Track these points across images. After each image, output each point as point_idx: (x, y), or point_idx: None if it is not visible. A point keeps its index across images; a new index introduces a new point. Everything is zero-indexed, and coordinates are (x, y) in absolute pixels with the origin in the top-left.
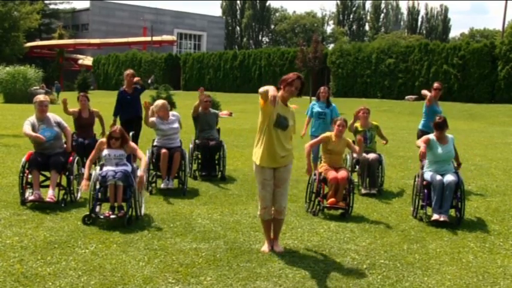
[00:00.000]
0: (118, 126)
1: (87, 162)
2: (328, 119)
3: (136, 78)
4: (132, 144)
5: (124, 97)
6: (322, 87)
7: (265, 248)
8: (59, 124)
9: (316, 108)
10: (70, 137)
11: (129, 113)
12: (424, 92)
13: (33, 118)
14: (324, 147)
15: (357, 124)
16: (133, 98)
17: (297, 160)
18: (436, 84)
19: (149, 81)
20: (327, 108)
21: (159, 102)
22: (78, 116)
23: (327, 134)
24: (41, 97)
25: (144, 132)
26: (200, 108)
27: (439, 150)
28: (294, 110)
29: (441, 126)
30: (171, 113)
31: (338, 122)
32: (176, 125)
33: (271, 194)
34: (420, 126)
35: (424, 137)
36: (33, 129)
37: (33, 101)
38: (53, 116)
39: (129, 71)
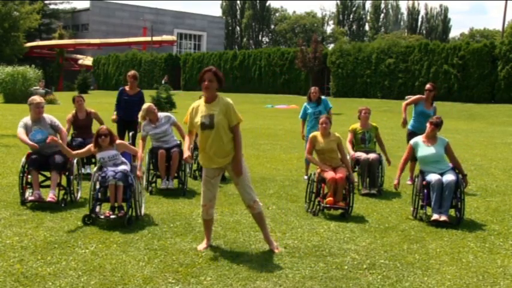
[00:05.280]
0: (103, 125)
1: (77, 152)
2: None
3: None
4: (121, 141)
5: (121, 95)
6: (312, 88)
7: (201, 246)
8: (52, 126)
9: (309, 109)
10: (65, 140)
11: (124, 115)
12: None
13: (27, 119)
14: (316, 149)
15: (357, 125)
16: (130, 100)
17: (297, 160)
18: (427, 86)
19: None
20: (318, 106)
21: (144, 105)
22: (74, 118)
23: (312, 134)
24: (37, 99)
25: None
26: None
27: (424, 151)
28: (228, 102)
29: (433, 122)
30: (162, 114)
31: (321, 120)
32: (165, 127)
33: (212, 193)
34: (409, 126)
35: (406, 152)
36: (26, 131)
37: (28, 103)
38: (48, 117)
39: (131, 72)
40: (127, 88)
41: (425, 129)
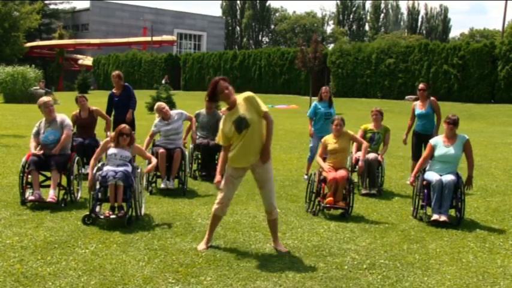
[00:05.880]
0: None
1: (92, 161)
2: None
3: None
4: (138, 145)
5: (112, 99)
6: (323, 87)
7: (201, 246)
8: (62, 127)
9: (321, 109)
10: (64, 140)
11: (118, 115)
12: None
13: (41, 121)
14: (327, 151)
15: (369, 125)
16: (120, 100)
17: (297, 160)
18: (420, 85)
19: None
20: (330, 108)
21: (156, 105)
22: (77, 117)
23: (324, 138)
24: (44, 98)
25: (144, 132)
26: (204, 109)
27: (442, 151)
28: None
29: (449, 122)
30: (175, 111)
31: (335, 122)
32: (177, 124)
33: (231, 192)
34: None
35: (426, 151)
36: (39, 133)
37: (37, 105)
38: (61, 117)
39: (114, 72)
40: (114, 90)
41: (428, 128)
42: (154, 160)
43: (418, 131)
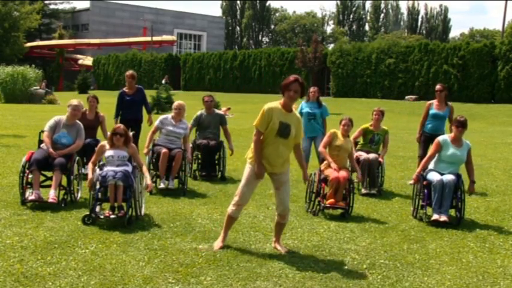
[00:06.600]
0: (121, 124)
1: (89, 165)
2: (318, 120)
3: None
4: (134, 146)
5: (123, 98)
6: (311, 88)
7: (217, 243)
8: (77, 134)
9: (306, 109)
10: (72, 149)
11: (127, 114)
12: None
13: (61, 118)
14: (332, 145)
15: (368, 125)
16: (132, 100)
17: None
18: (437, 86)
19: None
20: (318, 108)
21: (177, 101)
22: (82, 117)
23: (333, 130)
24: (75, 101)
25: (144, 132)
26: (204, 109)
27: (450, 151)
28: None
29: (458, 125)
30: (186, 124)
31: (343, 122)
32: (181, 131)
33: (250, 193)
34: (424, 129)
35: (433, 149)
36: (54, 130)
37: (67, 104)
38: (80, 126)
39: (129, 72)
40: (126, 90)
41: (438, 130)
42: (144, 169)
43: (428, 132)
